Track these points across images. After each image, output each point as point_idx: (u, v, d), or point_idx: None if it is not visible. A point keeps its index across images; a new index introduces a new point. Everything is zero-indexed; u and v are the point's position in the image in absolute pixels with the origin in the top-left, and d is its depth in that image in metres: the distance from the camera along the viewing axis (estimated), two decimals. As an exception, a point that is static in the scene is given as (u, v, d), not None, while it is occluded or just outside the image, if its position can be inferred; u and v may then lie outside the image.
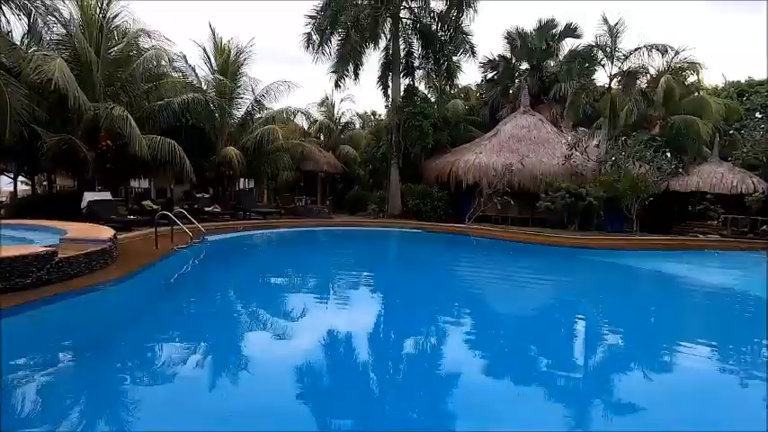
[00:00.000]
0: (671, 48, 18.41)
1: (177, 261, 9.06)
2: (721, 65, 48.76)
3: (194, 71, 17.16)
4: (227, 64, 17.07)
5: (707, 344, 6.43)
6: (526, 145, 19.04)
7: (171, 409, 3.67)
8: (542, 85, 23.29)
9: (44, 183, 23.29)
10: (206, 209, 15.47)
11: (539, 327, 7.03)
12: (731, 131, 18.64)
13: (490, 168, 18.08)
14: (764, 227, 16.30)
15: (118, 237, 8.73)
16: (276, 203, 21.61)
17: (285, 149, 18.13)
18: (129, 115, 12.02)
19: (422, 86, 22.15)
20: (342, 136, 26.07)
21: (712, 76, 39.20)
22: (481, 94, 26.76)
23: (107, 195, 12.90)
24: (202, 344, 5.44)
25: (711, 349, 6.24)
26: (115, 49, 13.88)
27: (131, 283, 6.83)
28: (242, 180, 21.86)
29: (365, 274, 11.22)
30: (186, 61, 16.91)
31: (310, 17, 19.69)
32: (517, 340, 6.30)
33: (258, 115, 18.90)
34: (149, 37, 14.33)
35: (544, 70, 23.52)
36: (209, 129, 16.79)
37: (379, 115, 32.27)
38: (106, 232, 8.19)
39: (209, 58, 17.45)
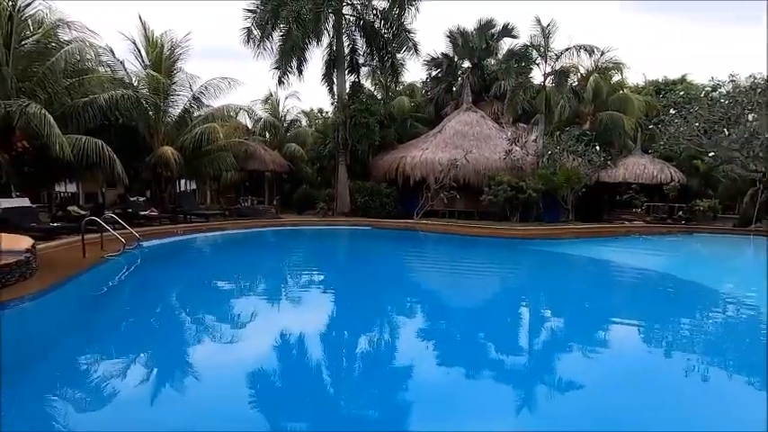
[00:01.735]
0: (597, 48, 19.76)
1: (107, 270, 8.46)
2: (642, 65, 53.15)
3: (123, 66, 16.03)
4: (161, 59, 16.09)
5: (636, 319, 7.08)
6: (470, 141, 19.65)
7: None
8: (483, 83, 24.11)
9: (-50, 189, 20.84)
10: (141, 213, 14.54)
11: (487, 314, 7.35)
12: (651, 126, 20.29)
13: (436, 164, 18.51)
14: (680, 212, 17.99)
15: (38, 246, 8.00)
16: (220, 205, 20.76)
17: (227, 148, 17.45)
18: (47, 113, 10.99)
19: (368, 84, 22.20)
20: (288, 134, 25.51)
21: (634, 75, 42.59)
22: (426, 92, 27.22)
23: (25, 201, 11.74)
24: (134, 364, 5.03)
25: (639, 323, 6.88)
26: (30, 40, 12.63)
27: (53, 297, 6.27)
28: (182, 182, 20.77)
29: (315, 274, 11.10)
30: (114, 55, 15.74)
31: (249, 11, 19.03)
32: (468, 327, 6.54)
33: (197, 113, 17.99)
34: (69, 28, 13.17)
35: (485, 68, 24.35)
36: (142, 127, 15.77)
37: (326, 112, 31.88)
38: (23, 242, 7.46)
39: (139, 52, 16.36)
